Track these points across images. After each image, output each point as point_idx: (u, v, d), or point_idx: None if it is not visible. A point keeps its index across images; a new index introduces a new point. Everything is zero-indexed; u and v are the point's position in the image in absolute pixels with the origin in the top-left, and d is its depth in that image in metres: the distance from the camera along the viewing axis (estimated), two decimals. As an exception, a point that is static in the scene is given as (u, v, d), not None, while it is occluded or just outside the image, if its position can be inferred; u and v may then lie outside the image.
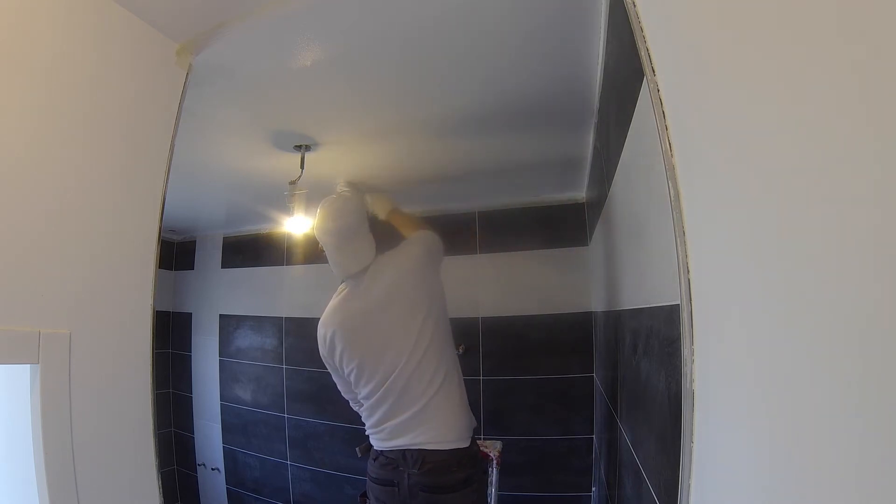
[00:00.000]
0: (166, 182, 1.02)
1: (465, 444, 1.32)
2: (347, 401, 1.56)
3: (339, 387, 1.51)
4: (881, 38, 0.24)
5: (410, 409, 1.32)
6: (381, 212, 1.68)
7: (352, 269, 1.40)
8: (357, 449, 1.49)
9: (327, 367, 1.48)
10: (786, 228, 0.34)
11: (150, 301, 0.97)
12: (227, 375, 3.01)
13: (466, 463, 1.31)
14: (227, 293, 3.09)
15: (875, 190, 0.25)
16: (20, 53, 0.75)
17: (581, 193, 2.31)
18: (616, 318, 1.26)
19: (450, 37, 1.10)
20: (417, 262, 1.41)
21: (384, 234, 1.49)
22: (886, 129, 0.24)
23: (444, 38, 1.11)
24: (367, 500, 1.42)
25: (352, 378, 1.41)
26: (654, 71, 0.61)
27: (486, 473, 1.40)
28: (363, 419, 1.45)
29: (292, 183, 1.77)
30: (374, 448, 1.40)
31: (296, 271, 2.87)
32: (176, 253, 3.32)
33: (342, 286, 1.46)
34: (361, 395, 1.41)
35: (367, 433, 1.43)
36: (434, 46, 1.14)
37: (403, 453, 1.31)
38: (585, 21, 1.03)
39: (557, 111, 1.48)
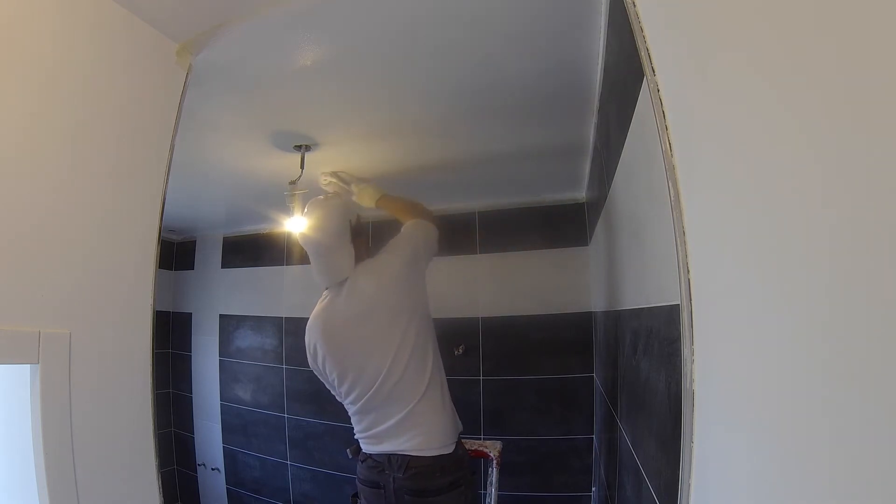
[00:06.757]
0: (166, 182, 1.02)
1: (448, 450, 1.32)
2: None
3: (331, 391, 1.52)
4: (881, 38, 0.24)
5: (395, 416, 1.32)
6: (370, 202, 1.71)
7: (329, 281, 1.41)
8: (348, 451, 1.50)
9: (316, 374, 1.48)
10: (786, 228, 0.34)
11: (150, 301, 0.97)
12: (227, 375, 3.01)
13: (451, 468, 1.32)
14: (227, 293, 3.09)
15: (875, 189, 0.25)
16: (19, 53, 0.75)
17: (581, 193, 2.31)
18: (616, 318, 1.26)
19: (450, 36, 1.10)
20: (399, 268, 1.38)
21: (365, 242, 1.48)
22: (885, 129, 0.24)
23: (444, 37, 1.11)
24: (359, 500, 1.43)
25: (335, 385, 1.41)
26: (654, 71, 0.61)
27: (474, 474, 1.40)
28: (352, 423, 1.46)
29: (292, 183, 1.77)
30: (363, 451, 1.42)
31: (296, 271, 2.87)
32: (176, 253, 3.32)
33: (325, 292, 1.45)
34: (347, 402, 1.42)
35: (355, 437, 1.45)
36: (434, 46, 1.14)
37: (389, 458, 1.32)
38: (585, 21, 1.03)
39: (557, 109, 1.48)
